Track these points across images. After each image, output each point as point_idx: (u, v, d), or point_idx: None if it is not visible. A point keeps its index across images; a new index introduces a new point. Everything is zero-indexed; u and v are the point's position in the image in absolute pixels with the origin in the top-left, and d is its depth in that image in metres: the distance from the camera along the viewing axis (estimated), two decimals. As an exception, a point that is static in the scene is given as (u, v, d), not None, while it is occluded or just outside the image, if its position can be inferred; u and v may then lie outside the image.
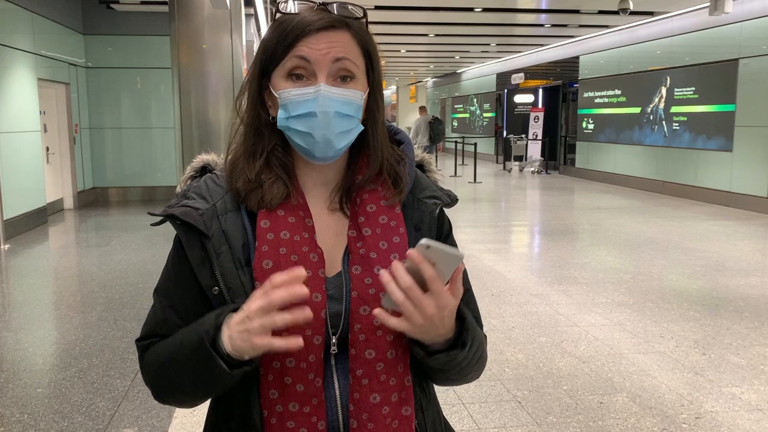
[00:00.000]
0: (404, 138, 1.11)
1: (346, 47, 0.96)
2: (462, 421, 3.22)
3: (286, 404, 0.95)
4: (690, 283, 5.88)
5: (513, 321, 4.75)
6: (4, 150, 7.97)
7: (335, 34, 0.96)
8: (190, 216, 0.97)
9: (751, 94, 10.22)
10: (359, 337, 0.96)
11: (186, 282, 0.99)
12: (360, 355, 0.97)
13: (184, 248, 0.98)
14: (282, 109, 0.97)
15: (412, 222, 1.04)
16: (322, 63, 0.94)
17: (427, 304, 0.88)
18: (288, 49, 0.95)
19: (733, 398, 3.47)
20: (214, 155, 1.10)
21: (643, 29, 13.09)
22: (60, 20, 10.11)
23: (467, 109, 25.20)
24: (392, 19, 12.63)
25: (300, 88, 0.95)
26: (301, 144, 0.97)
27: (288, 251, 0.96)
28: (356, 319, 0.97)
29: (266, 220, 0.98)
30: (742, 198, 10.39)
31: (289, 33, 0.95)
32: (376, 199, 1.02)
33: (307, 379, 0.95)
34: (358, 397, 0.97)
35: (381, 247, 0.99)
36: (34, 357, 4.16)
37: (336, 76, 0.96)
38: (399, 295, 0.87)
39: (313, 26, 0.94)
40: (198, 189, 1.02)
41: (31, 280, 6.22)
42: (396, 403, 0.99)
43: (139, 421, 3.22)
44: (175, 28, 6.12)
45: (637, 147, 13.52)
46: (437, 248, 0.85)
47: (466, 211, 10.57)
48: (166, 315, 1.00)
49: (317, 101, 0.94)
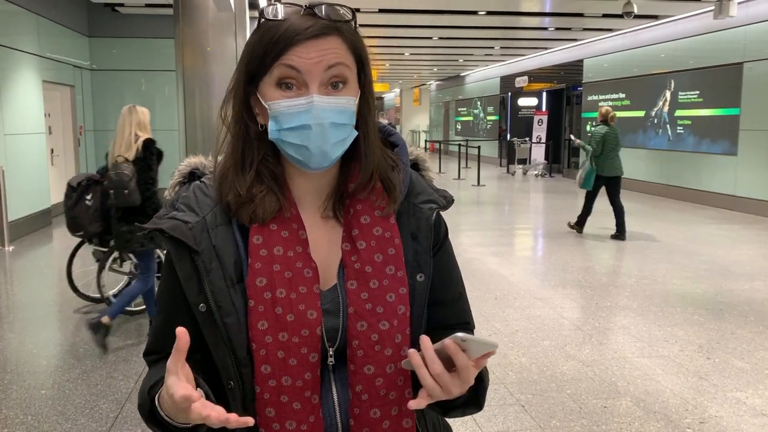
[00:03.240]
0: (398, 140, 1.08)
1: (338, 52, 0.92)
2: (465, 424, 3.21)
3: (282, 422, 0.94)
4: (694, 287, 5.86)
5: (516, 324, 4.74)
6: (9, 152, 8.00)
7: (326, 40, 0.91)
8: (179, 230, 0.94)
9: (756, 97, 10.19)
10: (357, 353, 0.95)
11: (178, 296, 0.96)
12: (359, 370, 0.95)
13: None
14: (273, 120, 0.93)
15: (409, 230, 1.01)
16: (314, 72, 0.91)
17: (453, 386, 0.87)
18: (276, 57, 0.91)
19: (737, 403, 3.45)
20: (202, 157, 1.07)
21: (647, 33, 13.07)
22: (65, 23, 10.15)
23: (471, 112, 25.19)
24: (396, 22, 12.64)
25: (291, 100, 0.92)
26: (295, 156, 0.94)
27: (282, 268, 0.94)
28: (354, 335, 0.95)
29: (258, 235, 0.95)
30: (747, 202, 10.36)
31: (277, 41, 0.90)
32: (370, 210, 0.99)
33: (304, 396, 0.94)
34: (358, 413, 0.96)
35: (376, 260, 0.97)
36: (37, 359, 4.17)
37: (328, 83, 0.92)
38: (429, 381, 0.86)
39: (302, 35, 0.90)
40: (187, 200, 0.98)
41: (35, 281, 6.23)
42: (396, 416, 0.98)
43: (142, 423, 3.21)
44: (180, 30, 6.13)
45: (641, 150, 13.50)
46: (473, 340, 0.84)
47: (470, 214, 10.56)
48: (162, 330, 0.99)
49: (311, 113, 0.91)
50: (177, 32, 6.25)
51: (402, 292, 0.98)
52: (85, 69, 11.06)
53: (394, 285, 0.97)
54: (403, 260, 0.99)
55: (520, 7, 11.86)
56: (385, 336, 0.93)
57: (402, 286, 0.98)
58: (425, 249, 1.01)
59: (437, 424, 1.09)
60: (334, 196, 1.01)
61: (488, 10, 11.61)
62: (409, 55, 19.08)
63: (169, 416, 0.87)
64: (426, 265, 1.01)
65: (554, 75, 18.15)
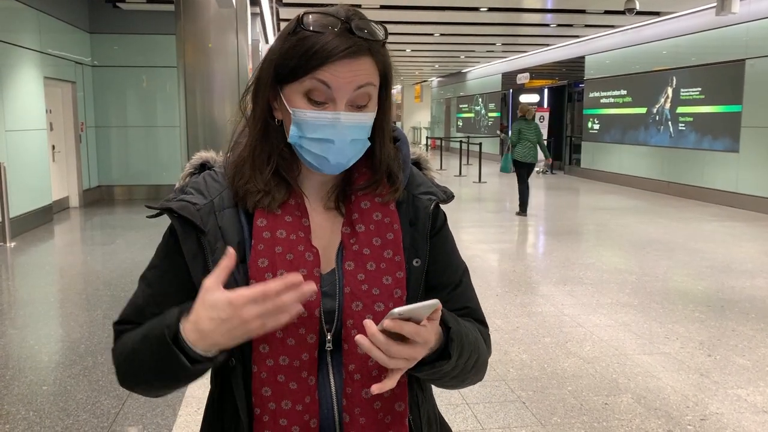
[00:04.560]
0: (400, 135, 1.11)
1: (369, 73, 0.95)
2: (466, 421, 3.22)
3: (279, 402, 0.95)
4: (695, 284, 5.86)
5: (517, 321, 4.74)
6: (10, 148, 8.00)
7: (359, 61, 0.94)
8: (186, 210, 0.97)
9: (758, 94, 10.17)
10: (352, 332, 0.96)
11: (173, 274, 0.99)
12: (352, 350, 0.97)
13: (177, 240, 0.98)
14: (295, 126, 0.96)
15: (407, 218, 1.04)
16: (344, 91, 0.93)
17: (409, 353, 0.87)
18: (310, 71, 0.93)
19: (738, 400, 3.45)
20: (213, 153, 1.10)
21: (649, 29, 13.04)
22: (66, 19, 10.15)
23: (472, 109, 25.17)
24: (397, 19, 12.62)
25: (318, 112, 0.94)
26: (312, 162, 0.98)
27: (284, 250, 0.97)
28: (349, 315, 0.97)
29: (263, 218, 0.98)
30: (748, 199, 10.35)
31: (313, 55, 0.92)
32: (371, 197, 1.03)
33: (301, 377, 0.96)
34: (350, 392, 0.97)
35: (374, 244, 1.00)
36: (39, 355, 4.17)
37: (354, 103, 0.95)
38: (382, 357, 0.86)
39: (338, 54, 0.92)
40: (196, 185, 1.02)
41: (36, 277, 6.25)
42: (389, 398, 0.99)
43: (144, 419, 3.23)
44: (181, 27, 6.13)
45: (642, 147, 13.48)
46: (409, 310, 0.85)
47: (471, 210, 10.56)
48: (146, 303, 0.99)
49: (335, 129, 0.94)
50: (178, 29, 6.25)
51: (399, 276, 1.00)
52: (87, 65, 11.06)
53: (391, 268, 0.99)
54: (401, 245, 1.01)
55: (521, 3, 11.84)
56: (380, 317, 0.93)
57: (399, 270, 1.00)
58: (422, 234, 1.04)
59: (432, 417, 1.09)
60: (338, 190, 1.05)
61: (490, 7, 11.59)
62: (410, 51, 19.06)
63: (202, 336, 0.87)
64: (422, 249, 1.03)
65: (556, 72, 18.12)
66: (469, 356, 0.99)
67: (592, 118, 15.62)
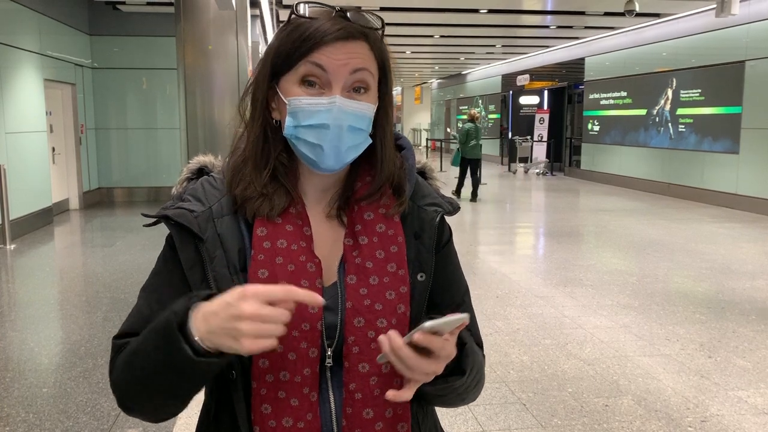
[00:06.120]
0: (405, 143, 1.07)
1: (364, 58, 0.93)
2: (466, 423, 3.21)
3: (279, 419, 0.92)
4: (695, 285, 5.86)
5: (518, 323, 4.74)
6: (10, 150, 8.00)
7: (354, 44, 0.93)
8: (184, 218, 0.94)
9: (758, 96, 10.17)
10: (353, 349, 0.93)
11: (174, 282, 0.96)
12: (353, 368, 0.93)
13: (176, 249, 0.95)
14: (291, 116, 0.94)
15: (412, 230, 1.01)
16: (340, 74, 0.92)
17: (431, 368, 0.86)
18: (304, 54, 0.92)
19: (739, 402, 3.45)
20: (211, 157, 1.07)
21: (649, 31, 13.05)
22: (66, 21, 10.15)
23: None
24: (397, 20, 12.63)
25: (313, 98, 0.92)
26: (307, 154, 0.94)
27: (285, 261, 0.93)
28: (350, 331, 0.94)
29: (263, 227, 0.95)
30: (749, 200, 10.35)
31: (306, 39, 0.91)
32: (375, 208, 0.99)
33: (302, 393, 0.92)
34: (350, 412, 0.94)
35: (378, 257, 0.96)
36: (39, 357, 4.17)
37: (351, 87, 0.93)
38: (410, 373, 0.86)
39: (332, 35, 0.91)
40: (194, 191, 0.99)
41: (36, 280, 6.24)
42: (391, 419, 0.96)
43: (143, 422, 3.22)
44: (181, 29, 6.13)
45: (642, 149, 13.48)
46: (440, 324, 0.83)
47: (471, 212, 10.56)
48: (152, 311, 0.93)
49: (331, 113, 0.91)
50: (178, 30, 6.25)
51: (402, 291, 0.96)
52: (87, 67, 11.06)
53: (394, 283, 0.96)
54: (405, 259, 0.98)
55: (521, 5, 11.84)
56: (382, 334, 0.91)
57: (403, 284, 0.96)
58: (428, 248, 1.00)
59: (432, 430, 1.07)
60: (340, 198, 1.01)
61: (490, 8, 11.59)
62: (410, 53, 19.06)
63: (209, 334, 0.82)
64: (427, 264, 1.00)
65: (556, 73, 18.13)
66: (476, 373, 0.98)
67: (592, 120, 15.62)
